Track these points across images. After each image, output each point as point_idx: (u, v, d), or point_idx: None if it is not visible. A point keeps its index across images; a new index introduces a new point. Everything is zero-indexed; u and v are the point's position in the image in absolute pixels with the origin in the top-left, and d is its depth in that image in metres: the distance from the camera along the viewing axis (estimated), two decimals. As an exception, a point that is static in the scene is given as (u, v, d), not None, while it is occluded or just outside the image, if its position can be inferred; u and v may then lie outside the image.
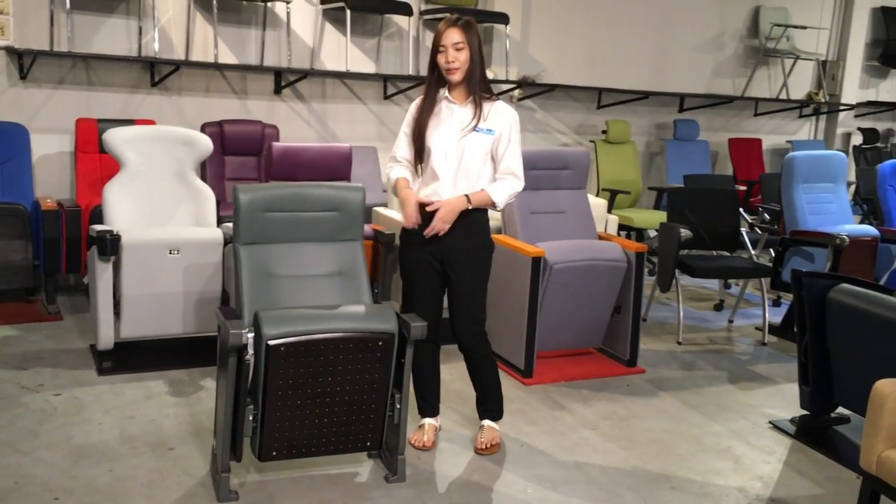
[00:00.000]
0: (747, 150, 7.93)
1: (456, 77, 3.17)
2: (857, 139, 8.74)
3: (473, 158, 3.21)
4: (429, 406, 3.49)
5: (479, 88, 3.21)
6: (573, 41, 7.08)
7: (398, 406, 3.06)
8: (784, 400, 4.16)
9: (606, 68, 7.27)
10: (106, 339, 4.02)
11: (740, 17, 7.99)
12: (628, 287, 4.41)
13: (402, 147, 3.32)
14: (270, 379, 2.82)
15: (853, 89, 8.60)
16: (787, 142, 8.27)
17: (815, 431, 3.78)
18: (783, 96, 8.20)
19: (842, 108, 8.50)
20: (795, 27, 7.90)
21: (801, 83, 8.47)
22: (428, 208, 3.17)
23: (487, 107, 3.23)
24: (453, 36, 3.14)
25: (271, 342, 2.77)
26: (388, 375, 2.99)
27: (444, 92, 3.24)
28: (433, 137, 3.23)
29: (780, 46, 7.88)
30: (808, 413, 3.83)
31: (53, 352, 4.26)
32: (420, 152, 3.26)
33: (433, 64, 3.22)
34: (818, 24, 8.34)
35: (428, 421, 3.48)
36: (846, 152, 8.73)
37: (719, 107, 7.92)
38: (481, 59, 3.20)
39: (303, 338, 2.82)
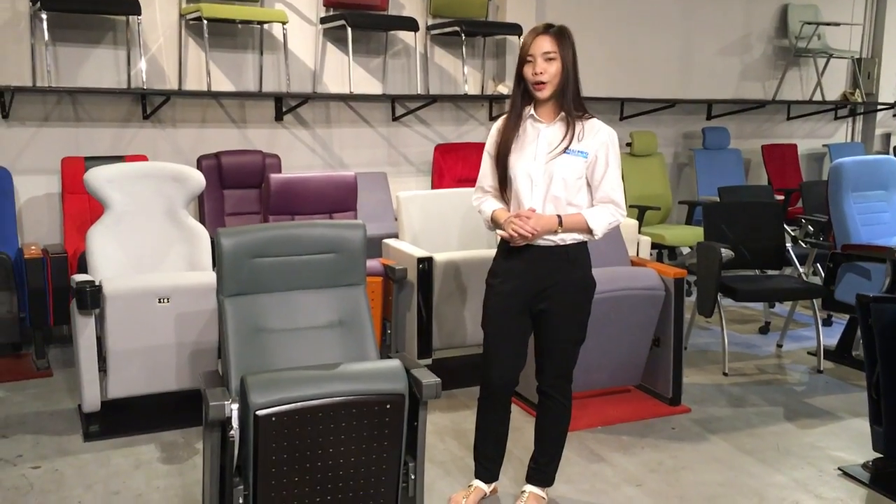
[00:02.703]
0: (782, 157, 7.46)
1: (545, 92, 2.76)
2: (897, 139, 8.25)
3: (563, 185, 2.79)
4: (483, 469, 3.08)
5: (571, 105, 2.79)
6: (591, 50, 6.65)
7: (412, 476, 2.64)
8: (852, 440, 3.69)
9: (628, 77, 6.85)
10: (91, 401, 3.64)
11: (767, 16, 7.54)
12: (667, 317, 3.97)
13: (487, 174, 2.94)
14: (262, 454, 2.41)
15: (890, 87, 8.11)
16: (824, 146, 7.79)
17: (893, 478, 3.31)
18: (817, 98, 7.73)
19: (880, 107, 8.01)
20: (827, 24, 7.44)
21: (835, 83, 8.00)
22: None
23: (580, 125, 2.81)
24: (543, 45, 2.76)
25: (260, 412, 2.37)
26: (399, 442, 2.57)
27: (529, 110, 2.84)
28: (517, 162, 2.83)
29: (812, 45, 7.42)
30: (881, 456, 3.36)
31: (38, 415, 3.88)
32: (503, 179, 2.87)
33: (519, 77, 2.82)
34: (850, 19, 7.87)
35: (477, 483, 3.08)
36: (886, 153, 8.26)
37: (749, 112, 7.47)
38: (576, 73, 2.80)
39: (297, 405, 2.41)
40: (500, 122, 2.93)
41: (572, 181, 2.79)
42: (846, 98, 7.96)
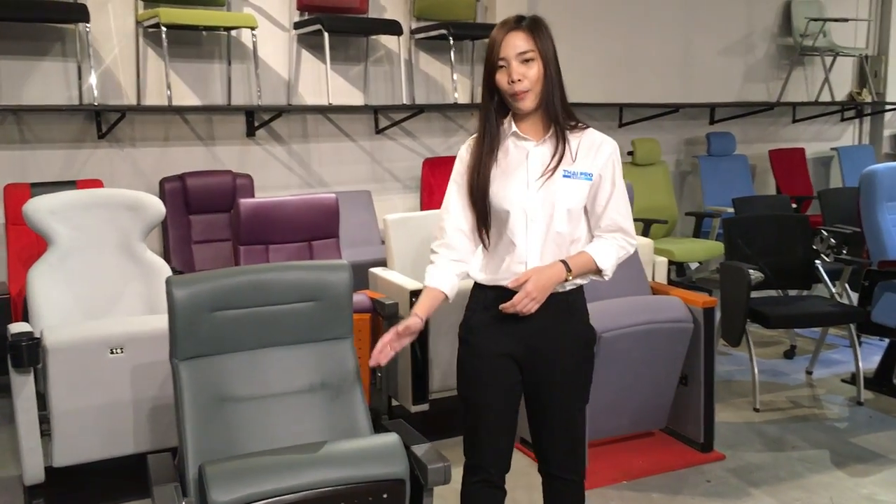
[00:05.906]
0: (790, 162, 7.03)
1: (527, 103, 2.18)
2: (907, 141, 7.86)
3: (567, 217, 2.21)
4: None
5: (561, 114, 2.23)
6: (587, 54, 6.21)
7: (416, 578, 2.15)
8: (915, 490, 3.23)
9: (626, 81, 6.40)
10: (34, 472, 3.10)
11: (770, 14, 7.12)
12: (696, 352, 3.50)
13: (455, 213, 2.28)
14: (227, 564, 1.91)
15: (898, 86, 7.73)
16: (832, 149, 7.37)
17: (974, 541, 2.85)
18: (825, 98, 7.30)
19: (888, 107, 7.61)
20: (834, 20, 7.02)
21: (840, 83, 7.58)
22: (510, 283, 2.16)
23: (575, 139, 2.25)
24: (517, 43, 2.15)
25: (223, 514, 1.87)
26: (399, 538, 2.08)
27: (509, 125, 2.26)
28: (503, 192, 2.20)
29: (818, 43, 6.99)
30: (958, 513, 2.90)
31: (-27, 486, 3.35)
32: (484, 216, 2.25)
33: (489, 87, 2.22)
34: (855, 15, 7.47)
35: None
36: (895, 156, 7.86)
37: (753, 115, 7.03)
38: (559, 73, 2.23)
39: (270, 502, 1.92)
40: (469, 144, 2.30)
41: (577, 211, 2.23)
42: (853, 98, 7.55)
